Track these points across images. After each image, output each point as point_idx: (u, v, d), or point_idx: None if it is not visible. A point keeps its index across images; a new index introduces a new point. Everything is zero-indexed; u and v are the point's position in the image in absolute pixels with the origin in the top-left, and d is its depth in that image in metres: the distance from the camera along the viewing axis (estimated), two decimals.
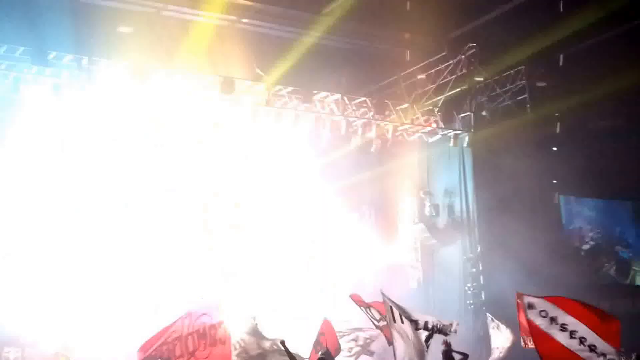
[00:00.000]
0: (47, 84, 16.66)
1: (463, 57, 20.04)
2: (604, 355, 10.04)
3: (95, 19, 17.25)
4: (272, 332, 12.05)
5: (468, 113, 20.89)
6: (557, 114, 20.75)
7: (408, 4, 19.27)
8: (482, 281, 20.30)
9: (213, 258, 19.05)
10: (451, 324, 10.85)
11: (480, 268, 20.43)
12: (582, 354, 10.11)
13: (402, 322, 9.63)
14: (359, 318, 13.72)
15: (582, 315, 10.38)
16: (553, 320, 10.40)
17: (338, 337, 12.41)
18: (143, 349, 9.91)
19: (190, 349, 9.77)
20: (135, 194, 18.17)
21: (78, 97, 16.94)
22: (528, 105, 20.54)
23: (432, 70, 20.51)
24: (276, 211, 20.20)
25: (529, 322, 10.46)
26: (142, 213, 18.13)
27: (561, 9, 19.13)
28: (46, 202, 17.03)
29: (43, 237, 16.82)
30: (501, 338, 14.59)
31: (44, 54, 16.32)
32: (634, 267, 23.07)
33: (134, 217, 17.96)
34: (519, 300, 10.99)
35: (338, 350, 12.25)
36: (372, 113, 19.95)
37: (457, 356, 12.33)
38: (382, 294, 10.20)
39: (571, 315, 10.42)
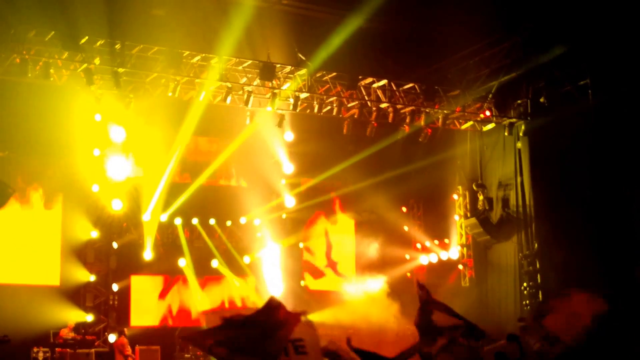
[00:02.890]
0: (78, 69, 16.13)
1: (519, 38, 18.80)
2: None
3: (127, 1, 16.56)
4: None
5: (524, 100, 19.67)
6: (622, 100, 19.24)
7: None
8: (539, 281, 19.15)
9: None
10: None
11: (538, 266, 19.27)
12: None
13: None
14: None
15: None
16: None
17: None
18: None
19: None
20: None
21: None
22: (590, 91, 19.12)
23: (486, 54, 19.34)
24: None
25: None
26: None
27: None
28: None
29: None
30: None
31: (75, 39, 15.66)
32: None
33: None
34: None
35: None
36: (420, 100, 19.04)
37: None
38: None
39: None
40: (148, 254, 19.14)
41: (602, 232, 18.15)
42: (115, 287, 18.83)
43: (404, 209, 22.29)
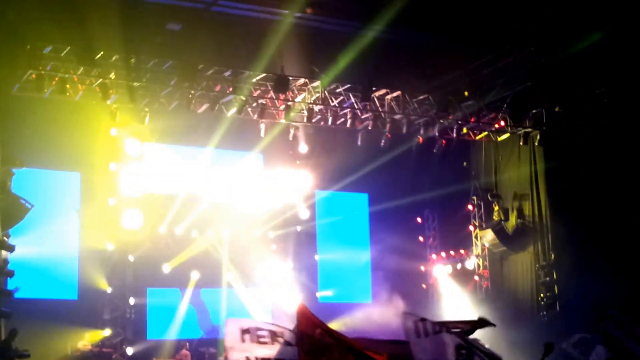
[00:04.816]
0: (94, 84, 16.28)
1: (533, 48, 18.68)
2: None
3: (142, 16, 16.68)
4: None
5: (539, 109, 19.50)
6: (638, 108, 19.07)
7: None
8: (556, 291, 18.97)
9: None
10: None
11: (555, 277, 19.07)
12: None
13: None
14: None
15: None
16: None
17: None
18: None
19: None
20: None
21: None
22: (605, 100, 18.97)
23: (500, 64, 19.12)
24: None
25: None
26: None
27: None
28: None
29: None
30: None
31: (90, 54, 15.82)
32: None
33: None
34: None
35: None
36: (434, 111, 18.99)
37: None
38: None
39: None
40: (166, 267, 19.29)
41: (619, 240, 17.99)
42: (132, 300, 18.93)
43: (419, 220, 22.26)
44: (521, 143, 19.54)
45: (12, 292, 15.65)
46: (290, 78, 17.49)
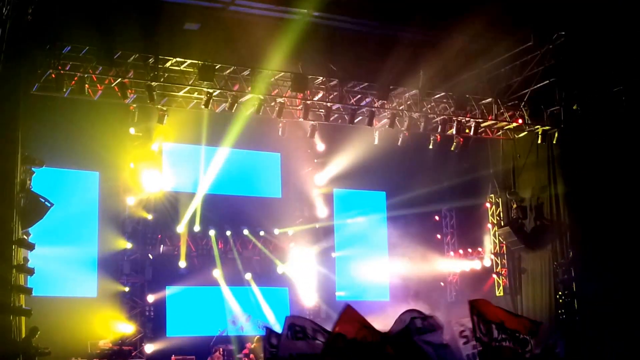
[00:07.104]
0: (112, 84, 16.35)
1: (551, 46, 18.57)
2: None
3: (160, 15, 16.72)
4: None
5: (557, 107, 19.36)
6: None
7: None
8: (574, 289, 18.86)
9: None
10: None
11: (573, 275, 18.96)
12: None
13: None
14: None
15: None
16: None
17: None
18: None
19: None
20: None
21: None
22: (624, 98, 18.85)
23: (518, 62, 19.11)
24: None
25: None
26: None
27: None
28: None
29: None
30: None
31: (109, 53, 15.86)
32: None
33: None
34: None
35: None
36: (452, 109, 18.92)
37: None
38: None
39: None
40: (182, 264, 19.39)
41: (638, 239, 17.89)
42: (151, 297, 19.05)
43: (437, 218, 22.23)
44: (539, 141, 19.44)
45: None
46: (309, 77, 17.45)
